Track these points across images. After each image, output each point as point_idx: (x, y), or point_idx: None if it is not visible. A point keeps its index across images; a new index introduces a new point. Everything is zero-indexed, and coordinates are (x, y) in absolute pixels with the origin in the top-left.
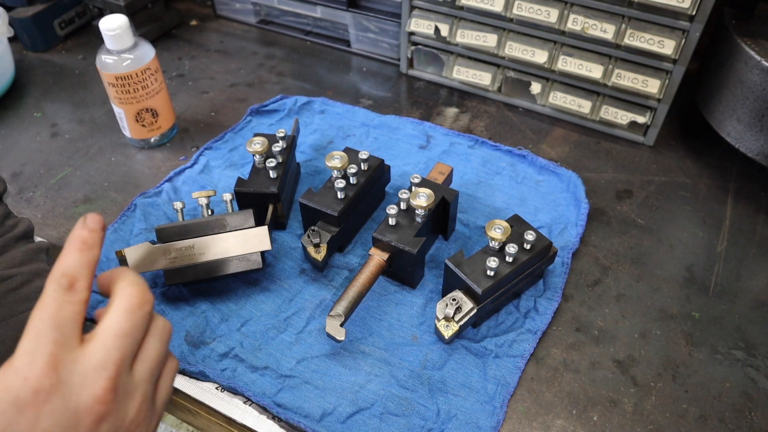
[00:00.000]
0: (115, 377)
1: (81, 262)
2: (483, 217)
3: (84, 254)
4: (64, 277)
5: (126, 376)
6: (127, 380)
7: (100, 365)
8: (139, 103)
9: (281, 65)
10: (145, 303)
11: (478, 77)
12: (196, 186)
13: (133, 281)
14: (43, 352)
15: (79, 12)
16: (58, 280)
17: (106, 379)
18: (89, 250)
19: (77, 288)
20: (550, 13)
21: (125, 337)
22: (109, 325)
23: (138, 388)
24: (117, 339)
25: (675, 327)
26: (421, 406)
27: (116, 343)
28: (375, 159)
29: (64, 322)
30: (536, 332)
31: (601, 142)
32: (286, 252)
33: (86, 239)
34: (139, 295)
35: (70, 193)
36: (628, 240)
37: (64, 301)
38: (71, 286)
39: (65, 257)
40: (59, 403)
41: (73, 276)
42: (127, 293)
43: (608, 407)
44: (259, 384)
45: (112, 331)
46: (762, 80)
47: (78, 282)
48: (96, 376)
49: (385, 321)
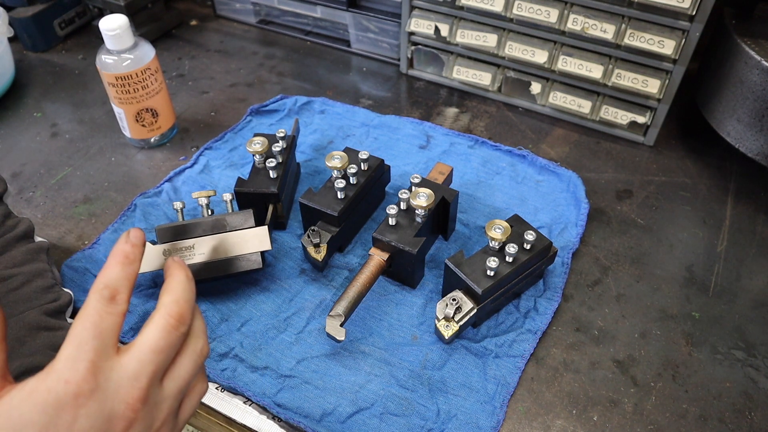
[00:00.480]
0: (147, 388)
1: (122, 275)
2: (483, 217)
3: (126, 268)
4: (106, 288)
5: (156, 388)
6: (157, 392)
7: (134, 376)
8: (139, 103)
9: (281, 65)
10: (183, 324)
11: (478, 77)
12: (196, 186)
13: (177, 299)
14: (83, 359)
15: (79, 12)
16: (101, 291)
17: (139, 389)
18: (130, 265)
19: (118, 300)
20: (550, 13)
21: (159, 353)
22: (146, 339)
23: (165, 401)
24: (151, 353)
25: (675, 327)
26: (421, 406)
27: (150, 358)
28: (375, 159)
29: (104, 331)
30: (536, 332)
31: (601, 142)
32: (286, 252)
33: (128, 254)
34: (179, 316)
35: (70, 193)
36: (628, 240)
37: (106, 312)
38: (113, 297)
39: (108, 270)
40: (95, 407)
41: (114, 288)
42: (167, 311)
43: (608, 407)
44: (259, 384)
45: (148, 346)
46: (762, 80)
47: (119, 294)
48: (129, 386)
49: (385, 321)
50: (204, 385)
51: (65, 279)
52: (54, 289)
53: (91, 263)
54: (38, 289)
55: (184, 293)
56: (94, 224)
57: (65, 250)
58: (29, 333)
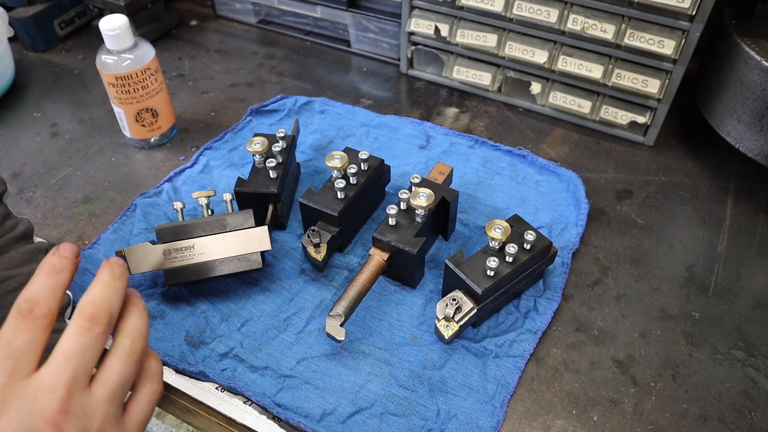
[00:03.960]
0: (66, 398)
1: (46, 287)
2: (483, 217)
3: (50, 279)
4: (25, 302)
5: (81, 396)
6: (83, 401)
7: (50, 387)
8: (139, 103)
9: (281, 65)
10: (96, 324)
11: (478, 77)
12: (196, 186)
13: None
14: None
15: (79, 12)
16: (18, 306)
17: (56, 401)
18: (57, 275)
19: (36, 313)
20: (550, 13)
21: (75, 358)
22: (59, 346)
23: (98, 408)
24: (65, 360)
25: (675, 327)
26: (421, 406)
27: (65, 365)
28: (375, 159)
29: (18, 350)
30: (536, 332)
31: (601, 142)
32: (286, 252)
33: (54, 264)
34: (90, 317)
35: (70, 193)
36: (628, 240)
37: (20, 329)
38: (31, 311)
39: (31, 283)
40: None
41: (34, 301)
42: (79, 312)
43: (608, 407)
44: (259, 384)
45: (62, 352)
46: (762, 80)
47: (38, 307)
48: (47, 399)
49: (385, 321)
50: (155, 386)
51: None
52: None
53: (91, 263)
54: None
55: (101, 292)
56: (94, 224)
57: None
58: None
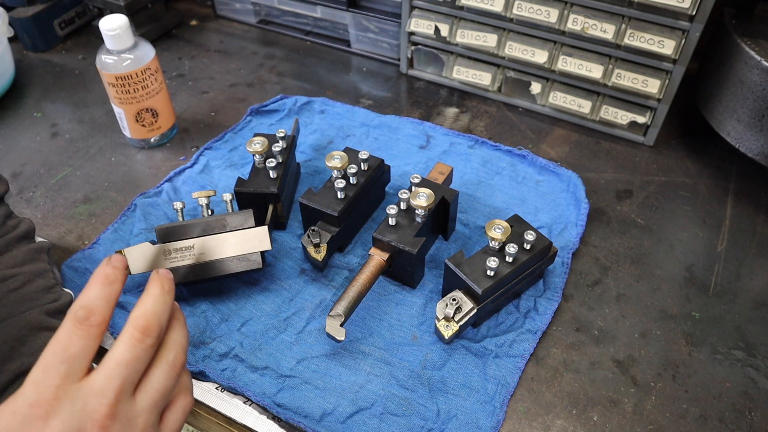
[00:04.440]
0: (115, 403)
1: (101, 295)
2: (483, 217)
3: (105, 288)
4: (81, 309)
5: (127, 403)
6: (128, 407)
7: (100, 392)
8: (139, 103)
9: (281, 65)
10: (148, 336)
11: (478, 77)
12: (196, 186)
13: (144, 312)
14: (49, 384)
15: (79, 12)
16: (75, 312)
17: (106, 405)
18: (110, 285)
19: (92, 321)
20: (550, 13)
21: (125, 367)
22: (111, 354)
23: (140, 416)
24: (117, 367)
25: (675, 327)
26: (421, 406)
27: (116, 372)
28: (375, 159)
29: (73, 355)
30: (536, 332)
31: (601, 142)
32: (286, 252)
33: (109, 275)
34: (143, 329)
35: (70, 193)
36: (628, 240)
37: (76, 335)
38: (87, 318)
39: (86, 290)
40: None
41: (90, 309)
42: (133, 324)
43: (608, 407)
44: (259, 384)
45: (114, 360)
46: (762, 80)
47: (94, 315)
48: (96, 402)
49: (385, 321)
50: (189, 399)
51: (65, 279)
52: (55, 290)
53: (91, 263)
54: (39, 289)
55: (153, 306)
56: (94, 224)
57: (65, 250)
58: (30, 333)
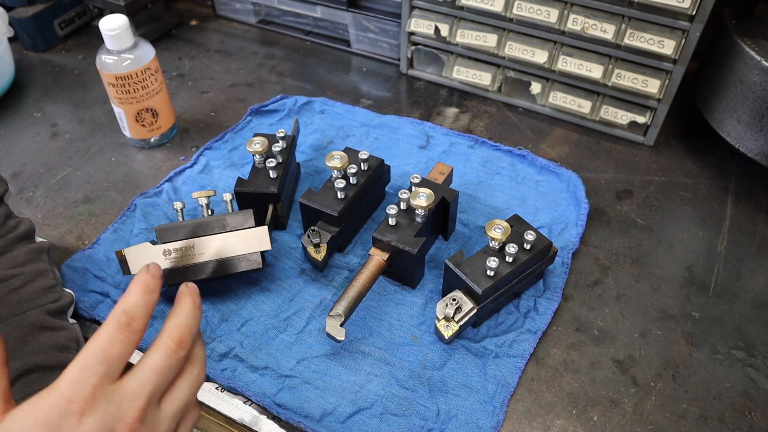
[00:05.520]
0: (145, 408)
1: (142, 303)
2: (483, 217)
3: (145, 296)
4: (124, 314)
5: (154, 408)
6: (155, 413)
7: (133, 395)
8: (139, 103)
9: (281, 65)
10: (182, 348)
11: (478, 77)
12: (196, 186)
13: (179, 324)
14: (87, 383)
15: (79, 12)
16: (118, 316)
17: (137, 409)
18: (150, 294)
19: (133, 327)
20: (550, 13)
21: (159, 375)
22: (147, 361)
23: (163, 422)
24: (151, 374)
25: (675, 327)
26: (421, 406)
27: (150, 378)
28: (375, 159)
29: (112, 358)
30: (536, 332)
31: (601, 142)
32: (286, 252)
33: (149, 284)
34: (179, 340)
35: (70, 193)
36: (628, 240)
37: (118, 339)
38: (129, 324)
39: (129, 296)
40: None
41: (132, 315)
42: (169, 335)
43: (608, 407)
44: (259, 384)
45: (149, 367)
46: (762, 80)
47: (135, 322)
48: (129, 405)
49: (385, 321)
50: (197, 412)
51: (65, 279)
52: (55, 290)
53: (91, 263)
54: (40, 289)
55: (187, 320)
56: (94, 224)
57: (65, 250)
58: (31, 333)
